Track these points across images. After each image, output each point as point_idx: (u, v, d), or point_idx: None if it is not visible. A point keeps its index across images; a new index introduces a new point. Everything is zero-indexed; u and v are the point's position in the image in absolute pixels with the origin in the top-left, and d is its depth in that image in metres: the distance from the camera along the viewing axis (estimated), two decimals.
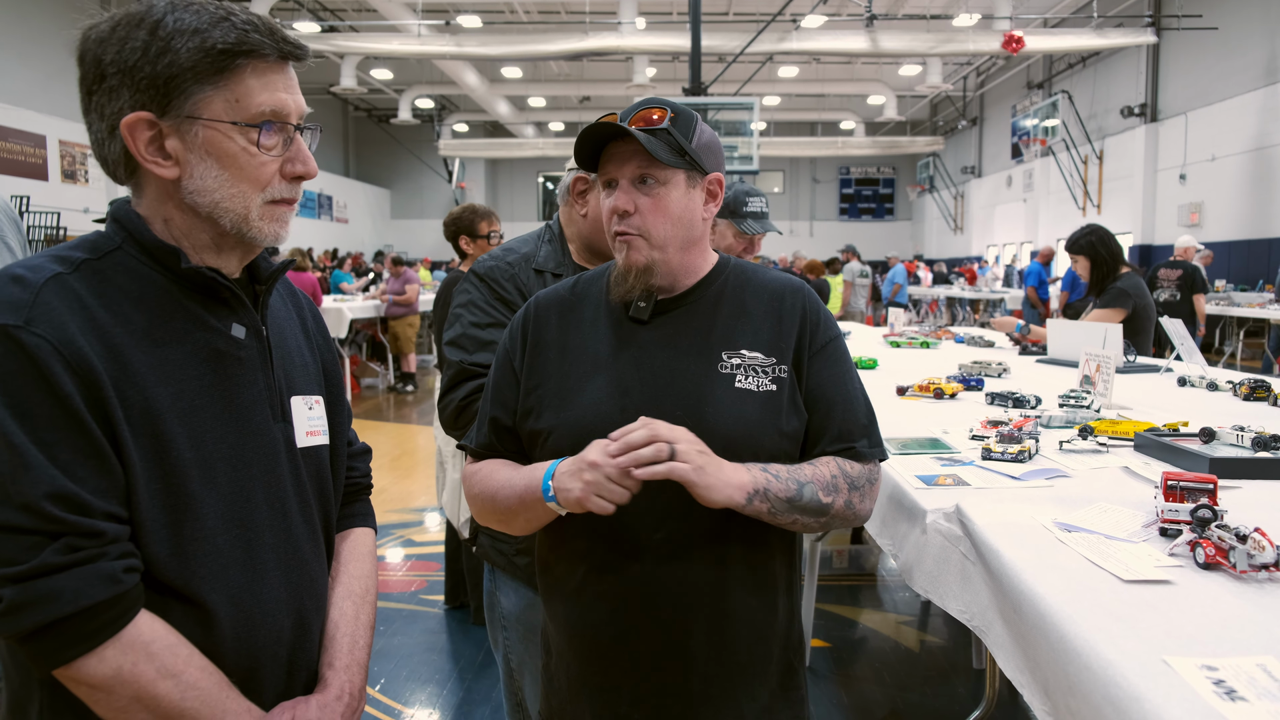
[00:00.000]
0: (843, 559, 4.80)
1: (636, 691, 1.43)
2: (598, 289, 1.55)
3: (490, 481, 1.47)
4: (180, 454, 1.07)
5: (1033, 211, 23.26)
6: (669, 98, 1.66)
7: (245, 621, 1.13)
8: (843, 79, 26.16)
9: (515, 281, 1.97)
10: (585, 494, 1.28)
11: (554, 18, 21.18)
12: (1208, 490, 1.54)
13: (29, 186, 15.34)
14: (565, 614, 1.49)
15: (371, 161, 31.90)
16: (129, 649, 1.02)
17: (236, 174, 1.11)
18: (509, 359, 1.54)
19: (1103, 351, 2.92)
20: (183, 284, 1.13)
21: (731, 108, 17.76)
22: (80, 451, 1.00)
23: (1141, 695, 1.01)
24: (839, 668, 3.71)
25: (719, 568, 1.41)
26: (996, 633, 1.50)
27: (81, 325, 1.03)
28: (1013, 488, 1.90)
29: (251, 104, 1.10)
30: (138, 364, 1.06)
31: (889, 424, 2.54)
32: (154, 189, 1.13)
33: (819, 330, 1.51)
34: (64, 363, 1.00)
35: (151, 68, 1.05)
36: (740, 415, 1.41)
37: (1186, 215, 17.01)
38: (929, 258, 27.28)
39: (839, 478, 1.42)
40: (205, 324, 1.14)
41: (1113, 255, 4.38)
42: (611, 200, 1.45)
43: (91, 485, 1.00)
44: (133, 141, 1.07)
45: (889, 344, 4.92)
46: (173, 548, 1.07)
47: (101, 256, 1.10)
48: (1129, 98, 18.90)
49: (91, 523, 0.99)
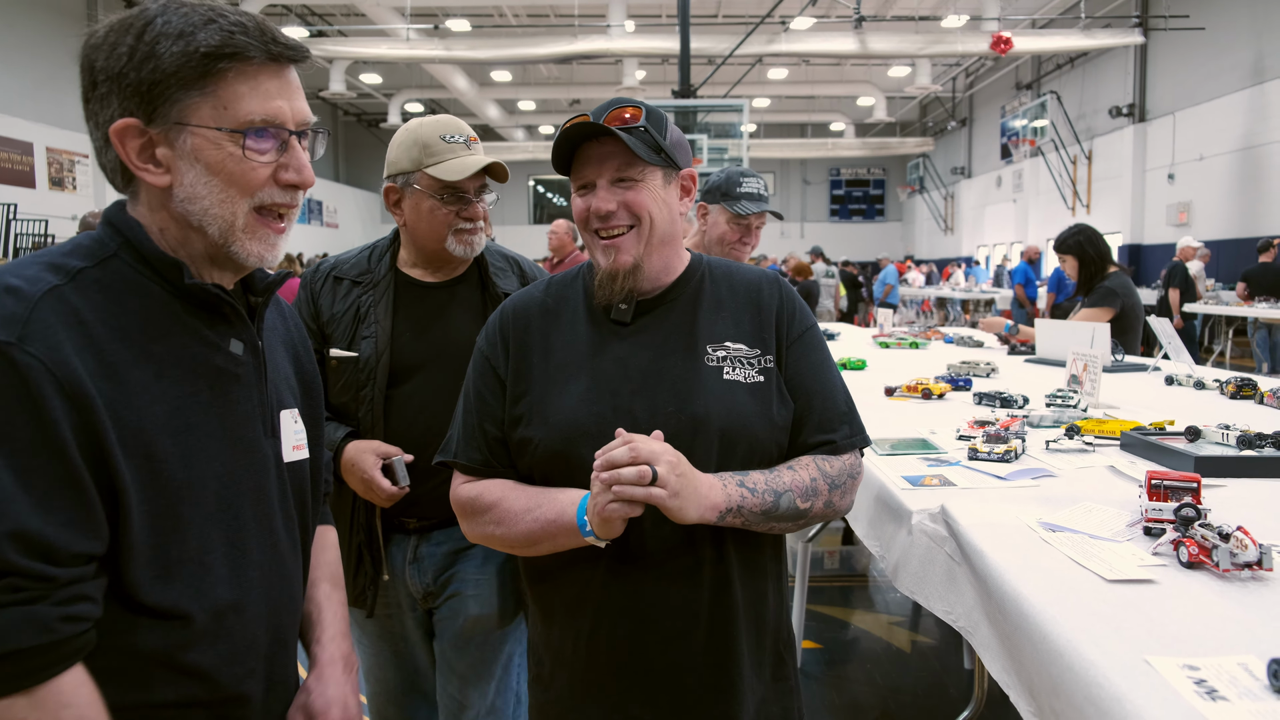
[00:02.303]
0: (834, 560, 4.81)
1: (633, 690, 1.43)
2: (574, 293, 1.54)
3: (502, 510, 1.44)
4: (173, 474, 1.04)
5: (1022, 212, 23.34)
6: (637, 97, 1.65)
7: (227, 636, 1.11)
8: (832, 80, 26.25)
9: (308, 288, 2.01)
10: (611, 515, 1.29)
11: (543, 21, 21.18)
12: (1191, 489, 1.54)
13: (17, 194, 15.27)
14: (562, 614, 1.49)
15: (361, 166, 31.86)
16: (39, 706, 0.93)
17: (226, 181, 1.06)
18: (491, 367, 1.52)
19: (1090, 351, 2.93)
20: (182, 298, 1.09)
21: (721, 110, 17.83)
22: (59, 481, 0.95)
23: (1123, 696, 1.01)
24: (830, 668, 3.71)
25: (714, 564, 1.42)
26: (982, 633, 1.49)
27: (77, 342, 0.98)
28: (999, 488, 1.89)
29: (240, 110, 1.05)
30: (134, 381, 1.02)
31: (877, 425, 2.53)
32: (148, 197, 1.10)
33: (795, 320, 1.52)
34: (56, 385, 0.95)
35: (136, 74, 1.02)
36: (732, 406, 1.42)
37: (1175, 215, 17.08)
38: (920, 258, 27.33)
39: (818, 479, 1.43)
40: (205, 340, 1.11)
41: (1100, 255, 4.38)
42: (590, 202, 1.44)
43: (64, 518, 0.95)
44: (123, 149, 1.04)
45: (878, 345, 4.93)
46: (161, 567, 1.04)
47: (99, 264, 1.05)
48: (1117, 98, 18.98)
49: (43, 567, 0.93)
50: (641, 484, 1.25)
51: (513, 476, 1.49)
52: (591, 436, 1.39)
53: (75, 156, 16.98)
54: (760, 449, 1.43)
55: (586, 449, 1.37)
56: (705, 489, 1.32)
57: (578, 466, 1.41)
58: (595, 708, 1.46)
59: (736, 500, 1.35)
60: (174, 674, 1.07)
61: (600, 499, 1.28)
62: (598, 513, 1.29)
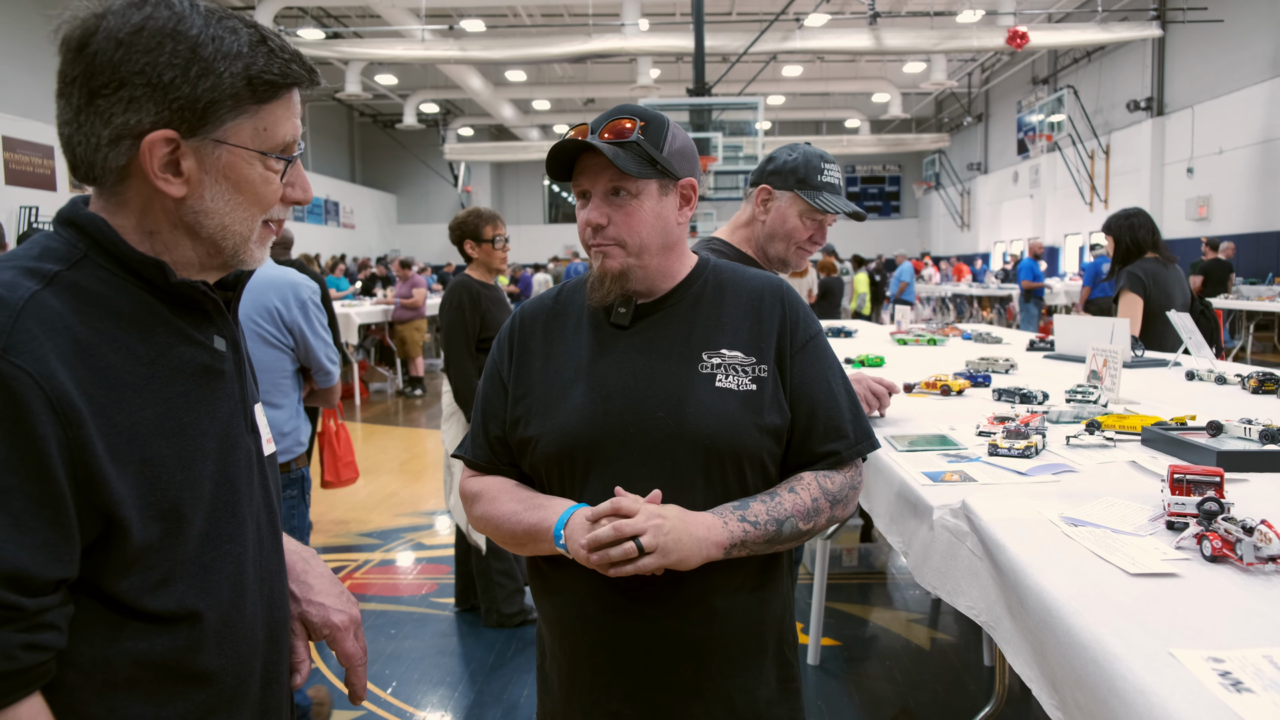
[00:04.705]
0: (852, 557, 4.80)
1: (628, 688, 1.45)
2: (580, 297, 1.57)
3: (494, 510, 1.51)
4: (170, 476, 1.03)
5: (1040, 207, 23.20)
6: (640, 104, 1.66)
7: (230, 635, 1.11)
8: (847, 77, 26.15)
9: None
10: (586, 559, 1.35)
11: (557, 20, 21.21)
12: (1214, 483, 1.53)
13: (38, 197, 15.43)
14: (556, 611, 1.51)
15: (377, 167, 32.01)
16: None
17: (251, 198, 1.07)
18: (497, 370, 1.57)
19: (1110, 346, 2.91)
20: (162, 297, 1.07)
21: (736, 107, 17.81)
22: (36, 500, 0.91)
23: (1148, 688, 1.01)
24: (850, 666, 3.71)
25: (709, 564, 1.42)
26: (1005, 628, 1.50)
27: (64, 350, 0.95)
28: (1020, 483, 1.89)
29: (278, 133, 1.07)
30: (125, 385, 1.00)
31: (896, 421, 2.55)
32: (143, 202, 1.05)
33: (799, 329, 1.53)
34: (44, 399, 0.91)
35: (191, 89, 1.00)
36: (721, 414, 1.43)
37: (1194, 209, 16.94)
38: (936, 255, 27.22)
39: (819, 499, 1.46)
40: (190, 338, 1.09)
41: (1135, 242, 4.43)
42: (585, 213, 1.47)
43: (39, 539, 0.92)
44: (149, 157, 1.01)
45: (896, 341, 4.92)
46: (165, 572, 1.03)
47: (72, 266, 1.01)
48: (1135, 92, 18.85)
49: (11, 596, 0.90)
50: (629, 559, 1.30)
51: (516, 475, 1.55)
52: (586, 440, 1.44)
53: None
54: (749, 457, 1.45)
55: (581, 452, 1.44)
56: (703, 531, 1.36)
57: (574, 468, 1.45)
58: (578, 702, 1.49)
59: (739, 536, 1.38)
60: (185, 681, 1.07)
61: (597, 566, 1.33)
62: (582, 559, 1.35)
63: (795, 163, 2.33)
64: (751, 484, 1.46)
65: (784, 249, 2.36)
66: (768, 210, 2.35)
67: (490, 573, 4.08)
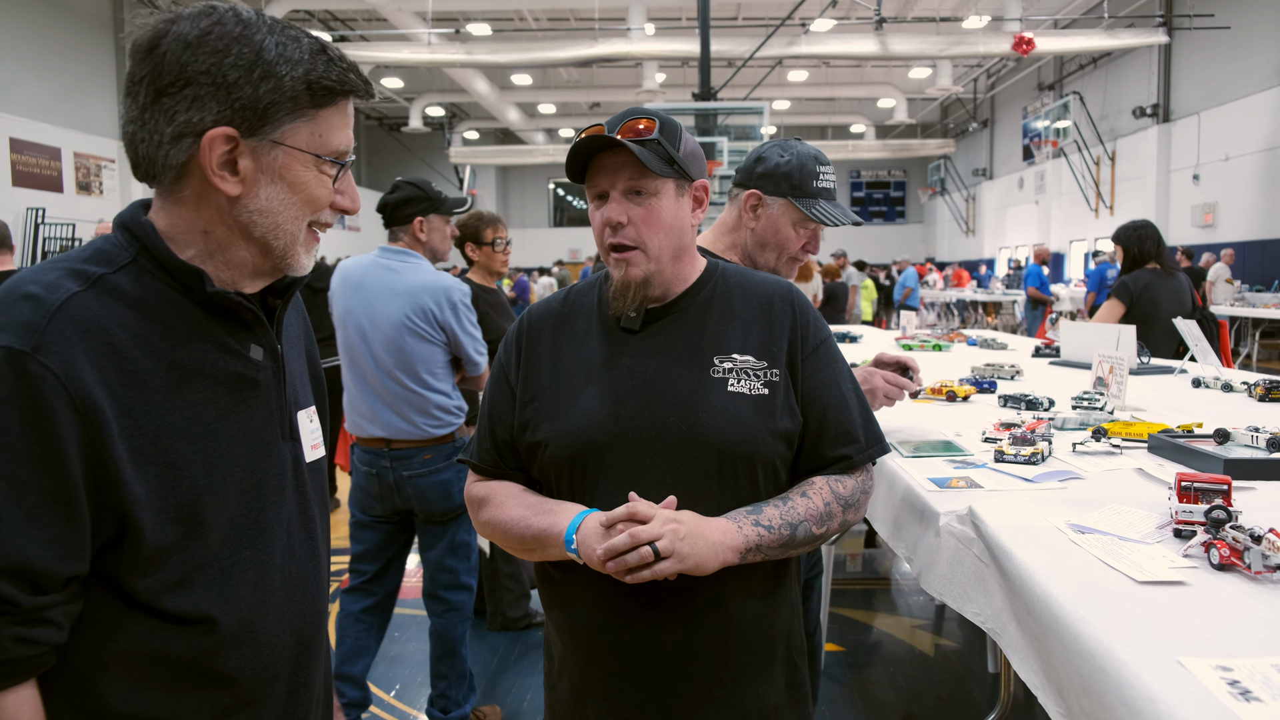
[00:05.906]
0: (857, 563, 4.80)
1: (640, 695, 1.44)
2: (589, 301, 1.57)
3: (501, 514, 1.49)
4: (193, 481, 1.05)
5: (1045, 213, 23.18)
6: (652, 107, 1.66)
7: (251, 640, 1.13)
8: (852, 82, 26.16)
9: None
10: (601, 565, 1.33)
11: (563, 24, 21.24)
12: (1222, 491, 1.53)
13: (45, 199, 15.50)
14: (567, 619, 1.50)
15: (383, 170, 32.03)
16: None
17: (304, 198, 1.10)
18: (504, 374, 1.56)
19: (1116, 353, 2.91)
20: (202, 304, 1.09)
21: (741, 112, 17.79)
22: (51, 496, 0.95)
23: (1156, 696, 1.01)
24: (853, 672, 3.70)
25: (723, 570, 1.41)
26: (1011, 634, 1.49)
27: (95, 352, 0.98)
28: (1026, 490, 1.89)
29: (332, 140, 1.11)
30: (154, 388, 1.03)
31: (901, 427, 2.54)
32: (199, 201, 1.08)
33: (810, 333, 1.53)
34: (67, 399, 0.95)
35: (253, 90, 1.03)
36: (734, 418, 1.43)
37: (1200, 216, 16.91)
38: (940, 260, 27.19)
39: (831, 504, 1.46)
40: (226, 347, 1.11)
41: (1141, 252, 4.60)
42: (604, 211, 1.46)
43: (50, 534, 0.96)
44: (209, 154, 1.04)
45: (901, 347, 4.91)
46: (182, 574, 1.05)
47: (119, 270, 1.05)
48: (1141, 98, 18.82)
49: (11, 590, 0.94)
50: (645, 564, 1.29)
51: (523, 479, 1.54)
52: (597, 444, 1.43)
53: (102, 161, 17.20)
54: (762, 462, 1.45)
55: (592, 456, 1.43)
56: (719, 536, 1.35)
57: (585, 472, 1.44)
58: (591, 709, 1.48)
59: (754, 540, 1.37)
60: (202, 680, 1.09)
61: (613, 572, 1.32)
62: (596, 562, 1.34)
63: (789, 167, 2.14)
64: (764, 489, 1.46)
65: (774, 259, 2.19)
66: (757, 217, 2.17)
67: (499, 575, 4.09)
